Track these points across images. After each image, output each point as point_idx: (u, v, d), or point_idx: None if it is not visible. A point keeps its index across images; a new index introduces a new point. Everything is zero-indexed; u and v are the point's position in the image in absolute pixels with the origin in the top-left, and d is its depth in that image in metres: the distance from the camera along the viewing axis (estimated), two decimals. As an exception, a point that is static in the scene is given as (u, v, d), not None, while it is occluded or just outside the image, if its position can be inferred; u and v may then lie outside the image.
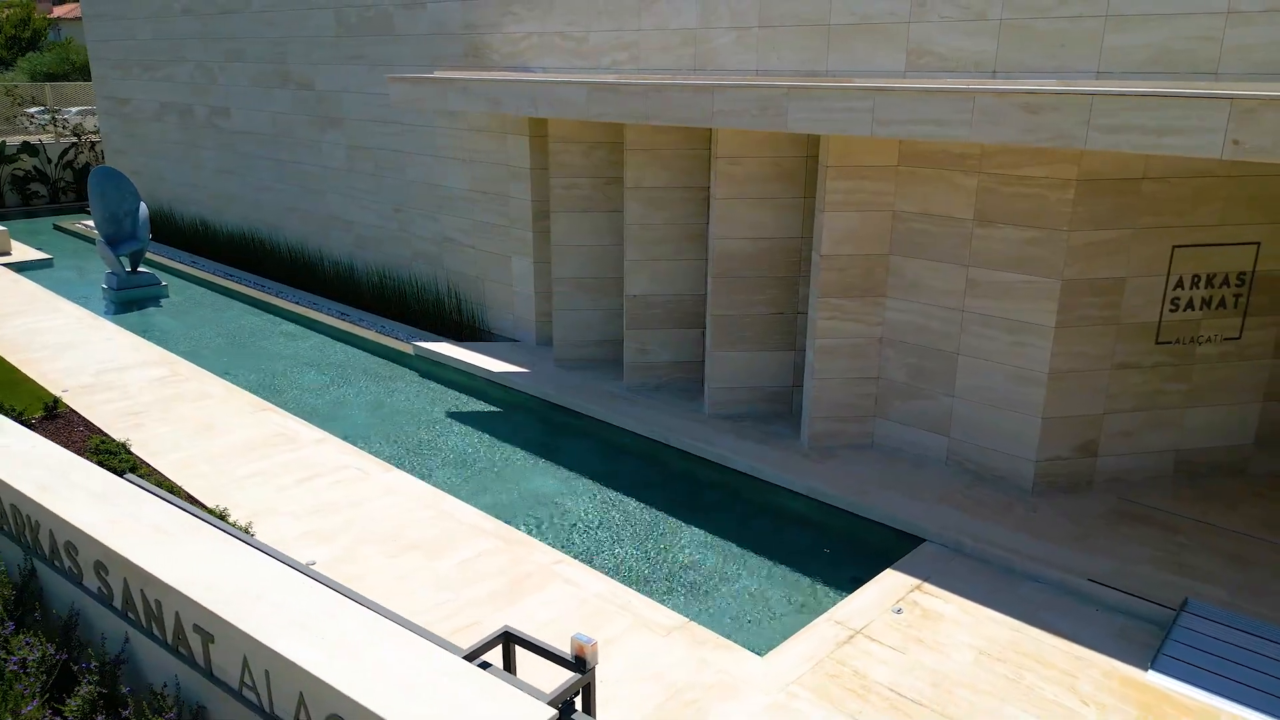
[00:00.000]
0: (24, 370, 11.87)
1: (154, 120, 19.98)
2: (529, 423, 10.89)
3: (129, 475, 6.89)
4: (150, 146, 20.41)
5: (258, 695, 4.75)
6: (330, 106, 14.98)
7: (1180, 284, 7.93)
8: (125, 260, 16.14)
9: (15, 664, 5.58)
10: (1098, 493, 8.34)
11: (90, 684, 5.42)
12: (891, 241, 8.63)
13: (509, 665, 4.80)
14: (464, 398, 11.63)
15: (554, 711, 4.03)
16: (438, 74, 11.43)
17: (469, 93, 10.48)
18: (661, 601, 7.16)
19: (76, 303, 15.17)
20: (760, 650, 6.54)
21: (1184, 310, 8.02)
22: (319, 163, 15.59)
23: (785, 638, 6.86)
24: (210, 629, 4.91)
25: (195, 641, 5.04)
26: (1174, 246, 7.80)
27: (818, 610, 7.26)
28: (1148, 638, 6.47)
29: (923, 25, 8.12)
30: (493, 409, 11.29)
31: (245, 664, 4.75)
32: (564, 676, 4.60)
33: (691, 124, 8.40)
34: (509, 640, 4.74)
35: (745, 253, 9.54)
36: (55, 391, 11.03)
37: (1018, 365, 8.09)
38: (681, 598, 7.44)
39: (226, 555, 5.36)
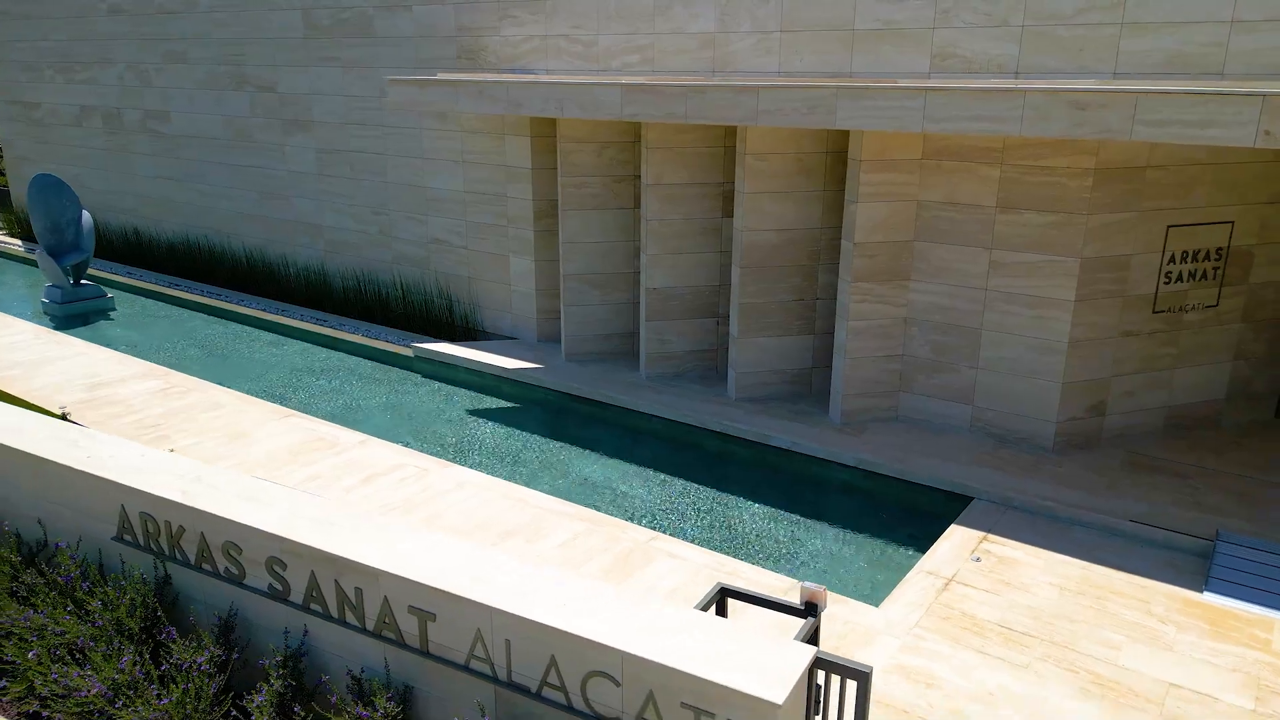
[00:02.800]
0: (4, 389, 11.28)
1: (72, 126, 18.98)
2: (554, 416, 11.17)
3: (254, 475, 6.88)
4: (68, 153, 19.36)
5: (491, 665, 4.99)
6: (297, 109, 14.72)
7: (1173, 259, 8.99)
8: (68, 272, 15.38)
9: (187, 666, 5.58)
10: (1106, 448, 9.34)
11: (279, 677, 5.49)
12: (916, 229, 9.40)
13: (722, 616, 5.20)
14: (478, 396, 11.79)
15: (814, 649, 4.49)
16: (442, 76, 11.53)
17: (485, 95, 10.67)
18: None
19: (18, 318, 14.40)
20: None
21: (1175, 282, 9.10)
22: (283, 167, 15.28)
23: (874, 590, 7.51)
24: (431, 608, 5.11)
25: (410, 622, 5.22)
26: (1168, 226, 8.86)
27: (891, 565, 7.93)
28: (1193, 566, 7.42)
29: (947, 30, 8.91)
30: (512, 405, 11.50)
31: (479, 637, 4.99)
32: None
33: (733, 123, 8.92)
34: (724, 595, 5.15)
35: (770, 244, 10.13)
36: (51, 409, 10.57)
37: (1040, 337, 8.98)
38: (765, 563, 7.96)
39: (407, 541, 5.53)
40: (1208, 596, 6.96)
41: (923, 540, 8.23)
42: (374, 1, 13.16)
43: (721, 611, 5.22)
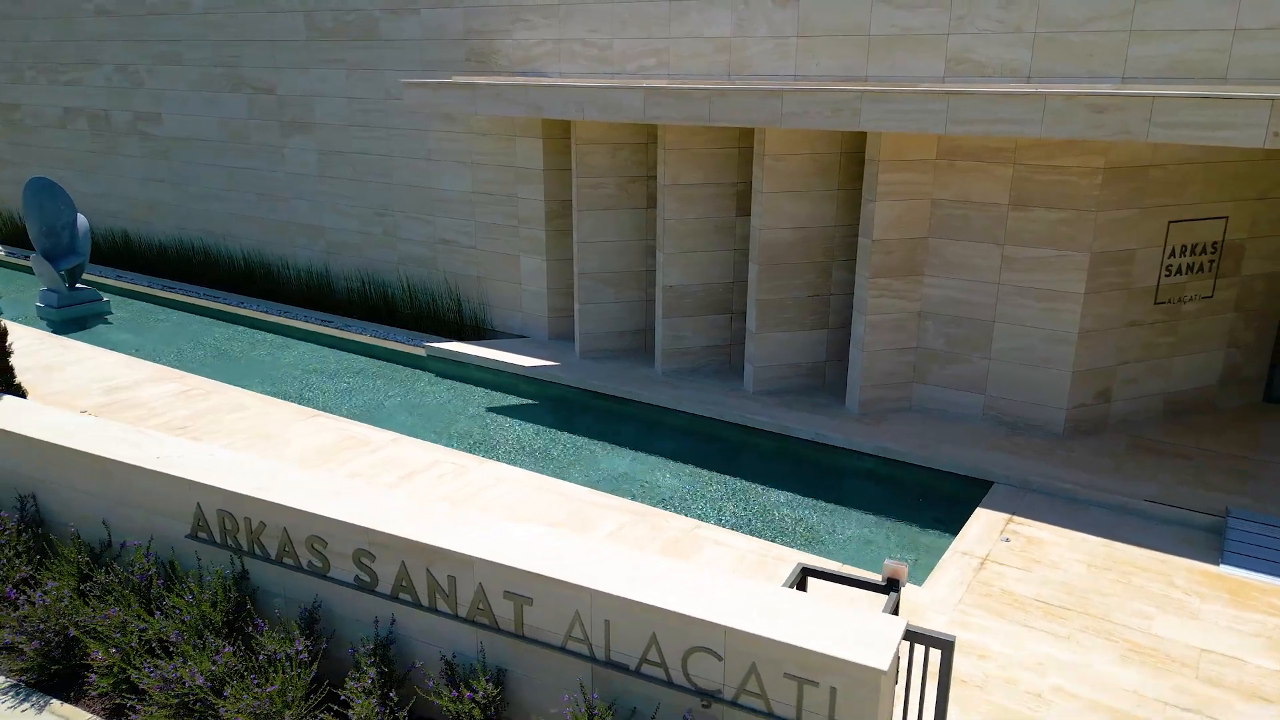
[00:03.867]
0: (19, 394, 11.23)
1: (55, 128, 18.74)
2: (575, 412, 11.41)
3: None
4: (50, 156, 19.11)
5: (589, 646, 5.25)
6: (297, 111, 14.76)
7: (1173, 253, 9.49)
8: (64, 276, 15.24)
9: (281, 656, 5.75)
10: (1111, 433, 9.82)
11: (371, 664, 5.69)
12: (930, 226, 9.80)
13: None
14: (495, 394, 11.97)
15: (905, 620, 4.82)
16: (458, 79, 11.70)
17: (504, 98, 10.86)
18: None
19: (13, 323, 14.27)
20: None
21: (1175, 275, 9.60)
22: (282, 169, 15.30)
23: (910, 571, 7.87)
24: (528, 592, 5.35)
25: (505, 607, 5.45)
26: (1169, 222, 9.35)
27: (923, 547, 8.31)
28: (1207, 541, 7.89)
29: (961, 36, 9.31)
30: (531, 402, 11.71)
31: (577, 618, 5.24)
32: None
33: (758, 125, 9.24)
34: (805, 574, 5.46)
35: (786, 241, 10.47)
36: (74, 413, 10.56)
37: (1052, 328, 9.43)
38: (801, 548, 8.29)
39: (496, 530, 5.76)
40: (1224, 569, 7.43)
41: (949, 523, 8.62)
42: (380, 4, 13.26)
43: (801, 589, 5.52)
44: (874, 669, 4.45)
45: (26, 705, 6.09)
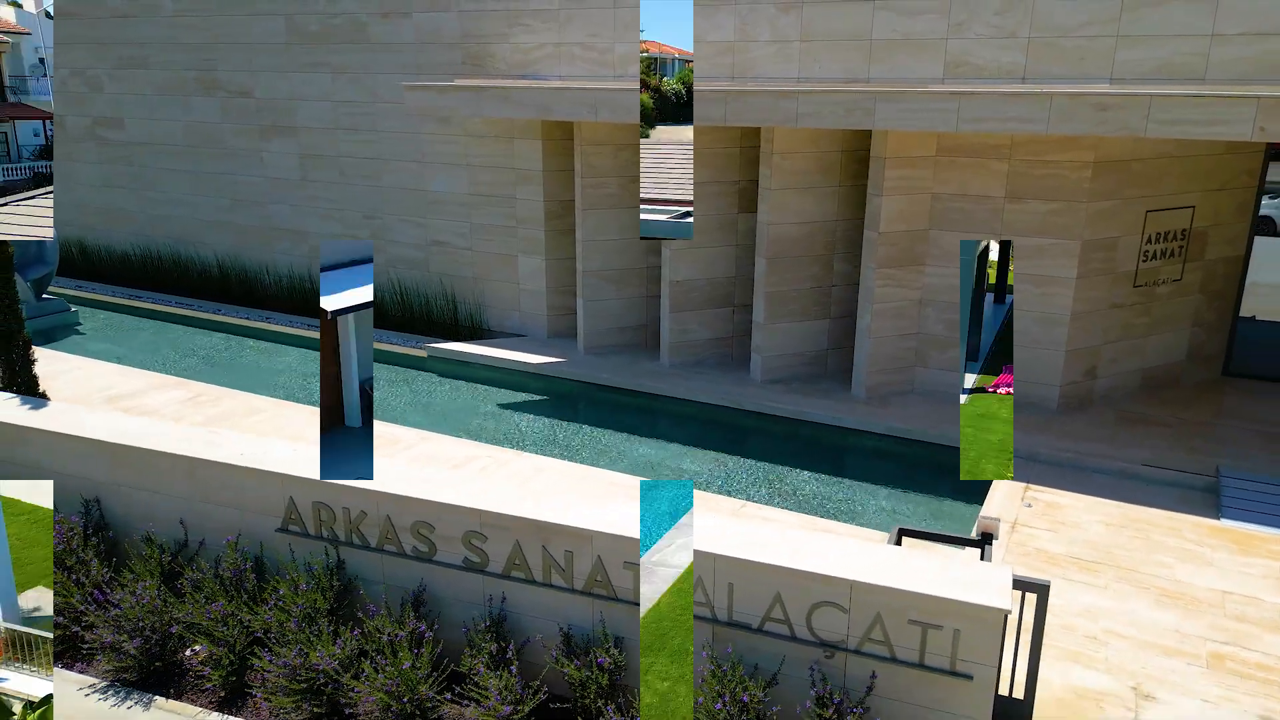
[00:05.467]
0: (17, 405, 10.95)
1: (0, 134, 18.08)
2: (587, 405, 11.71)
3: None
4: (-6, 163, 18.43)
5: (711, 608, 5.61)
6: (278, 115, 14.65)
7: (1150, 240, 10.35)
8: (31, 286, 14.79)
9: (403, 637, 5.94)
10: (1098, 407, 10.63)
11: (489, 640, 5.94)
12: (930, 218, 10.44)
13: (894, 555, 5.97)
14: (503, 391, 12.18)
15: (1011, 567, 5.32)
16: (461, 81, 11.88)
17: (511, 100, 11.11)
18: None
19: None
20: (946, 548, 8.05)
21: (1151, 260, 10.46)
22: (260, 172, 15.15)
23: (944, 540, 8.45)
24: (649, 562, 5.68)
25: (624, 577, 5.78)
26: (1147, 211, 10.20)
27: (947, 515, 8.92)
28: (1203, 499, 8.69)
29: (959, 40, 9.97)
30: (541, 398, 11.96)
31: (699, 584, 5.59)
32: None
33: (772, 124, 9.74)
34: (901, 534, 5.94)
35: (792, 236, 11.00)
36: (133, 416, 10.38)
37: (1046, 311, 10.17)
38: (839, 520, 8.79)
39: (605, 506, 6.07)
40: (1225, 522, 8.22)
41: (967, 494, 9.23)
42: (369, 8, 13.32)
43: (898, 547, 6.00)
44: (999, 609, 4.95)
45: (131, 703, 6.13)
